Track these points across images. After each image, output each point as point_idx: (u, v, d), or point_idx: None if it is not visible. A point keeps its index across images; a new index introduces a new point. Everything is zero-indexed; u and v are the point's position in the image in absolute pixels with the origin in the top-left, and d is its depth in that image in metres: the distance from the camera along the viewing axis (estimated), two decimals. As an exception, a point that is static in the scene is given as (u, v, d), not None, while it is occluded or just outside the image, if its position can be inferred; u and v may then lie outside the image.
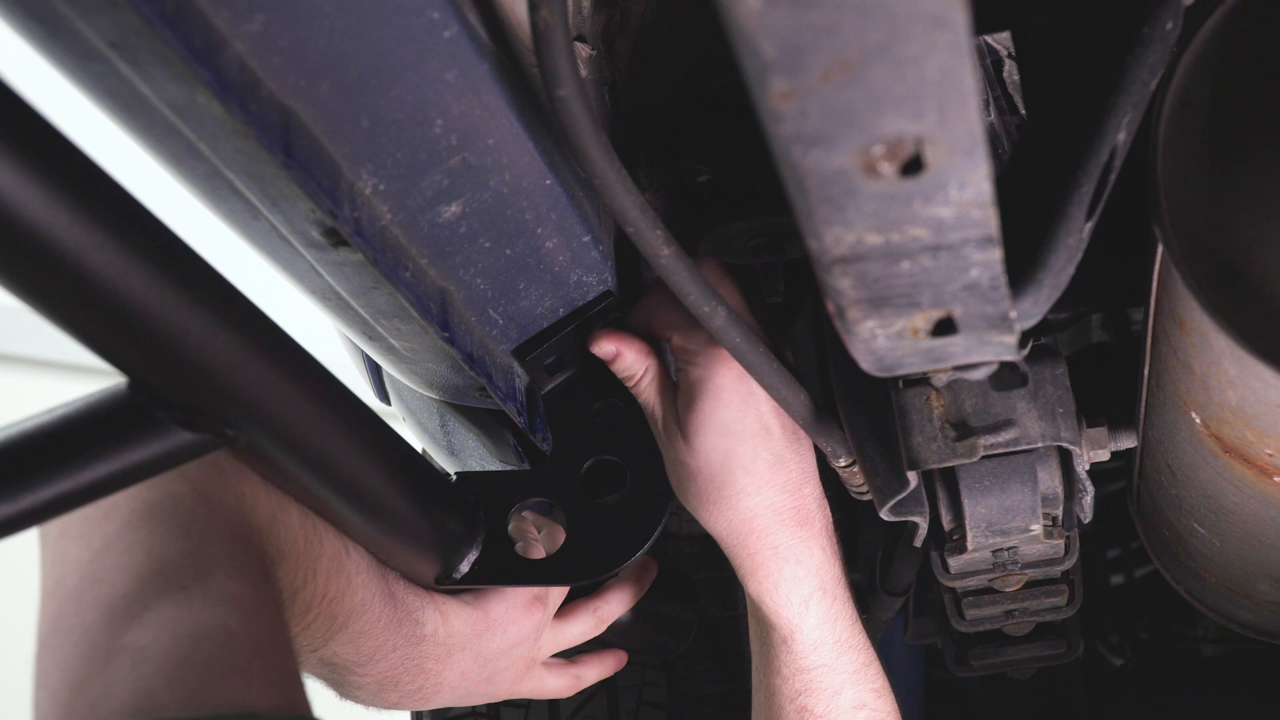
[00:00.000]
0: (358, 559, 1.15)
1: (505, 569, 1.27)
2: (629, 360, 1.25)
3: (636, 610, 1.46)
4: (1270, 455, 1.04)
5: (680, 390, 1.24)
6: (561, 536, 1.30)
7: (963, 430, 1.15)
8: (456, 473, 1.31)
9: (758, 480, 1.22)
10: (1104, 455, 1.26)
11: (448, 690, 1.29)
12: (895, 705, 1.31)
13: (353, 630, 1.15)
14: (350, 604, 1.14)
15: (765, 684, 1.30)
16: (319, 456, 1.02)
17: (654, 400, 1.26)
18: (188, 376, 0.87)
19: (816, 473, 1.27)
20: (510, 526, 1.29)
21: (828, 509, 1.28)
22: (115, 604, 0.92)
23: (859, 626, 1.28)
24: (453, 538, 1.25)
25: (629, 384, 1.27)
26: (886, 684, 1.30)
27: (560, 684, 1.44)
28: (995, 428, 1.15)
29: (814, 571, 1.25)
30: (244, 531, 1.01)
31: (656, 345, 1.27)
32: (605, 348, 1.25)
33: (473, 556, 1.26)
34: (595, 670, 1.48)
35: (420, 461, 1.20)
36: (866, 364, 0.88)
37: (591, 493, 1.30)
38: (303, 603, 1.08)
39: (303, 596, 1.08)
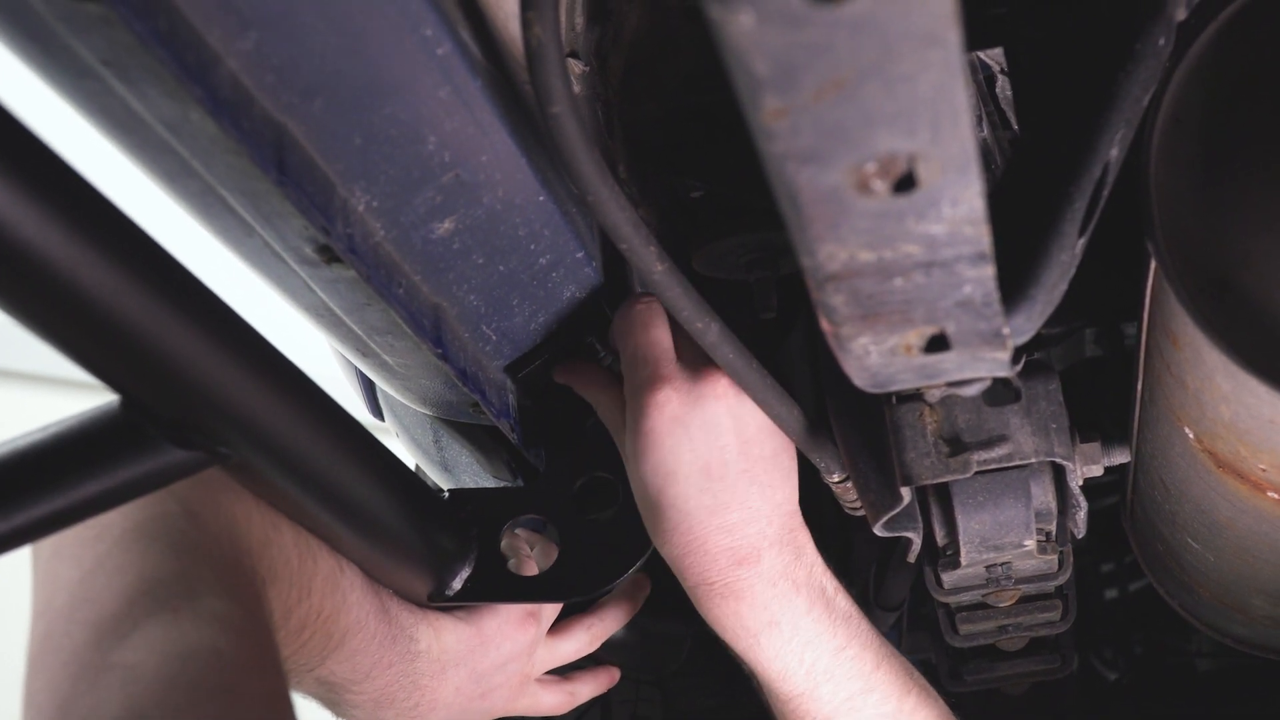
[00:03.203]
0: (352, 576, 1.15)
1: (498, 586, 1.27)
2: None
3: (630, 627, 1.46)
4: (1264, 470, 1.04)
5: (626, 429, 1.24)
6: (554, 553, 1.30)
7: (956, 446, 1.15)
8: (449, 490, 1.31)
9: (688, 520, 1.19)
10: (1097, 470, 1.26)
11: (443, 708, 1.28)
12: None
13: (348, 648, 1.15)
14: (345, 621, 1.14)
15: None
16: (312, 474, 1.02)
17: (614, 428, 1.26)
18: (180, 394, 0.86)
19: (778, 512, 1.22)
20: (503, 543, 1.29)
21: (794, 549, 1.22)
22: (104, 623, 0.91)
23: (848, 654, 1.23)
24: (446, 555, 1.25)
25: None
26: (905, 709, 1.24)
27: (554, 700, 1.44)
28: (989, 443, 1.15)
29: (759, 608, 1.21)
30: (235, 552, 1.00)
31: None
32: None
33: (465, 574, 1.26)
34: (589, 686, 1.48)
35: (413, 478, 1.20)
36: (860, 380, 0.88)
37: (584, 509, 1.30)
38: (297, 621, 1.08)
39: (297, 615, 1.08)
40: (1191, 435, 1.09)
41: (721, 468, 1.19)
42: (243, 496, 1.03)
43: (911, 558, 1.28)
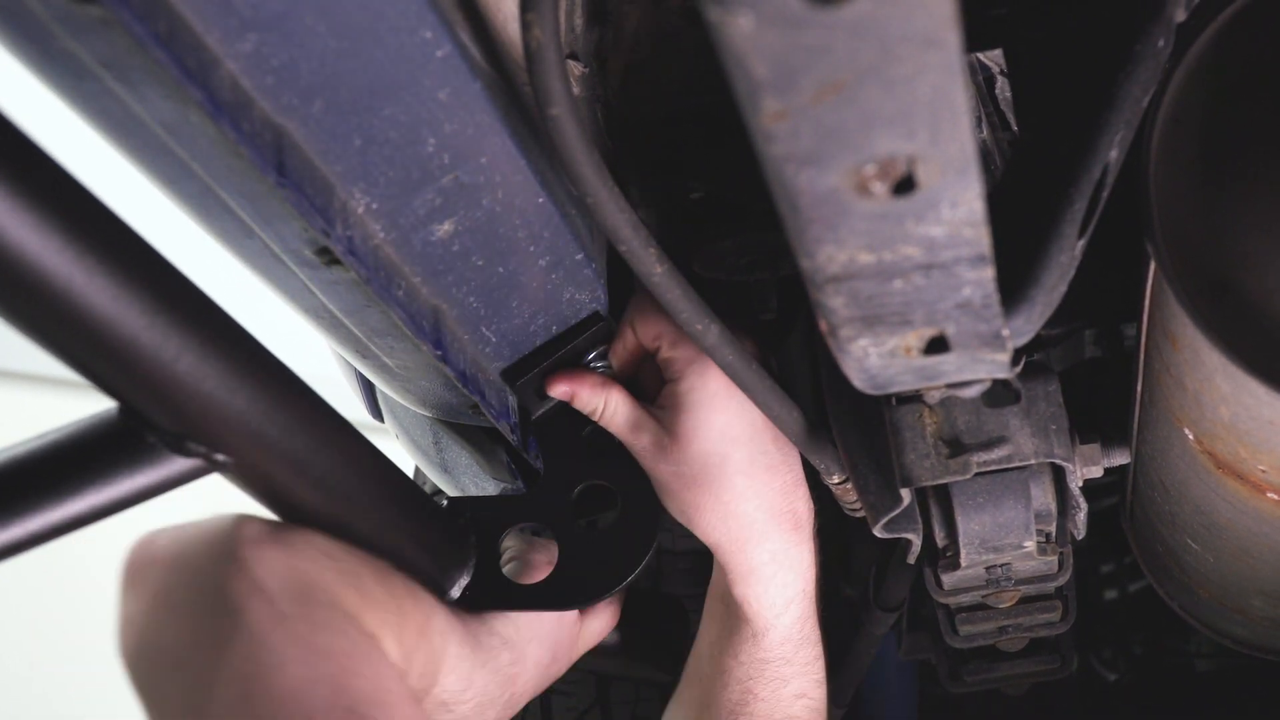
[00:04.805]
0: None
1: (496, 594, 1.27)
2: (584, 397, 1.26)
3: (627, 640, 1.45)
4: (1263, 471, 1.04)
5: (668, 400, 1.24)
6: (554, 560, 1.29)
7: (956, 447, 1.15)
8: (449, 498, 1.31)
9: (755, 484, 1.22)
10: (1097, 472, 1.26)
11: (530, 686, 1.26)
12: (825, 696, 1.32)
13: (450, 657, 1.13)
14: (434, 628, 1.11)
15: (716, 660, 1.30)
16: (310, 482, 1.02)
17: (624, 425, 1.25)
18: (178, 402, 0.86)
19: (804, 476, 1.27)
20: (508, 541, 1.28)
21: (813, 509, 1.29)
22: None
23: (817, 620, 1.29)
24: (444, 562, 1.24)
25: (594, 418, 1.27)
26: (824, 675, 1.32)
27: (601, 623, 1.39)
28: (988, 445, 1.15)
29: (801, 575, 1.26)
30: (343, 610, 1.00)
31: (634, 361, 1.28)
32: (558, 389, 1.25)
33: (464, 581, 1.26)
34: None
35: (410, 485, 1.19)
36: (859, 382, 0.88)
37: (583, 517, 1.30)
38: (407, 645, 1.06)
39: (405, 640, 1.06)
40: (1191, 436, 1.09)
41: (769, 432, 1.22)
42: (317, 559, 1.01)
43: (911, 559, 1.28)
